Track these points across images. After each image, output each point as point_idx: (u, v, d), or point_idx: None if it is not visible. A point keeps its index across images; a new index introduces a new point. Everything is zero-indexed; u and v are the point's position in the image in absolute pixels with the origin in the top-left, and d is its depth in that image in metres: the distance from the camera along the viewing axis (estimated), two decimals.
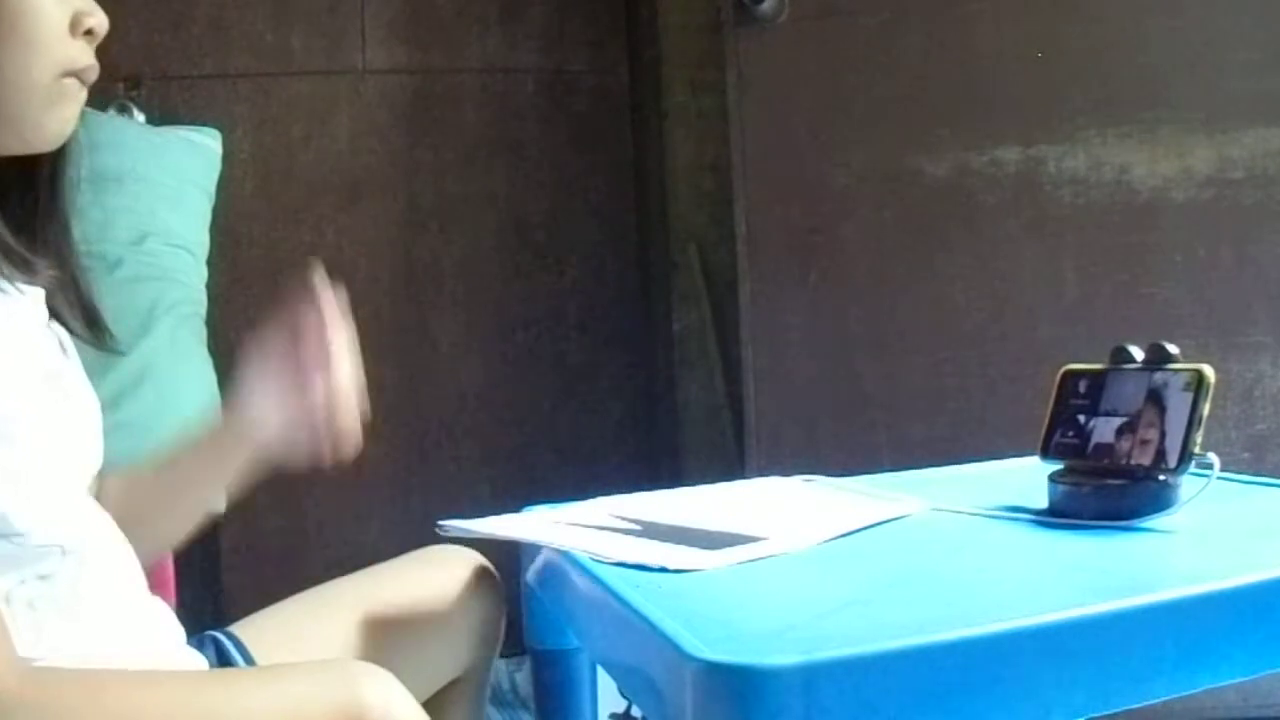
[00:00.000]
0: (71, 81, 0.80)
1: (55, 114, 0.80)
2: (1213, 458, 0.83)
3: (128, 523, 0.89)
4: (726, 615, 0.67)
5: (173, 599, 0.99)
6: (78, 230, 0.91)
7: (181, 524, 1.03)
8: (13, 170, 0.84)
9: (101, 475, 0.93)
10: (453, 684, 1.10)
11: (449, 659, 1.09)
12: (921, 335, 1.89)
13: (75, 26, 0.79)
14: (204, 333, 1.81)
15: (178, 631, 0.95)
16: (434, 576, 1.09)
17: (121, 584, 0.87)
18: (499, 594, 1.12)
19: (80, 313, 0.90)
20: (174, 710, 0.73)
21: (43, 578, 0.77)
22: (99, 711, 0.70)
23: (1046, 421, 0.98)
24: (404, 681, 0.81)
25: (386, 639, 1.03)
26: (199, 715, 0.74)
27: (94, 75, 0.82)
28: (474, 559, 1.11)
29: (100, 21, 0.81)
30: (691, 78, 2.36)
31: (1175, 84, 1.83)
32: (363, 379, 0.97)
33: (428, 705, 0.91)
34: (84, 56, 0.80)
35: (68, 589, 0.79)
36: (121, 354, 0.97)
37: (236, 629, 1.01)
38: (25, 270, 0.82)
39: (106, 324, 0.93)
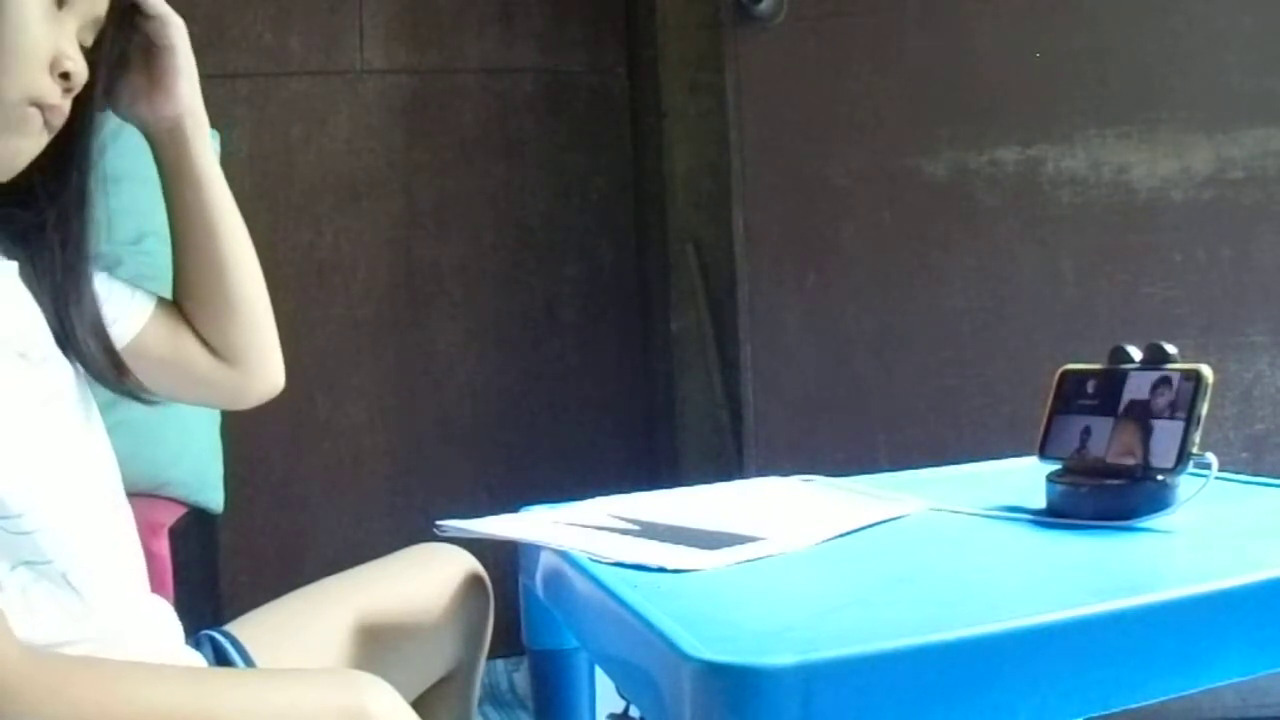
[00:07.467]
0: (35, 112, 0.79)
1: (9, 140, 0.79)
2: (1211, 457, 0.83)
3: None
4: (725, 615, 0.67)
5: (171, 598, 0.99)
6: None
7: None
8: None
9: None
10: (441, 682, 1.10)
11: (438, 657, 1.09)
12: (920, 335, 1.89)
13: (54, 65, 0.79)
14: None
15: (178, 630, 0.95)
16: (424, 575, 1.09)
17: (122, 581, 0.87)
18: (487, 593, 1.13)
19: (102, 355, 0.90)
20: (179, 705, 0.73)
21: (30, 564, 0.77)
22: (104, 700, 0.70)
23: (1044, 421, 0.98)
24: (394, 680, 0.81)
25: (378, 637, 1.03)
26: (204, 712, 0.74)
27: (59, 119, 0.81)
28: (463, 557, 1.11)
29: (78, 70, 0.81)
30: (690, 78, 2.36)
31: (1175, 84, 1.83)
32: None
33: (416, 704, 0.92)
34: (53, 95, 0.80)
35: (64, 582, 0.78)
36: (154, 402, 0.98)
37: (233, 628, 1.01)
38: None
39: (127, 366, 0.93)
